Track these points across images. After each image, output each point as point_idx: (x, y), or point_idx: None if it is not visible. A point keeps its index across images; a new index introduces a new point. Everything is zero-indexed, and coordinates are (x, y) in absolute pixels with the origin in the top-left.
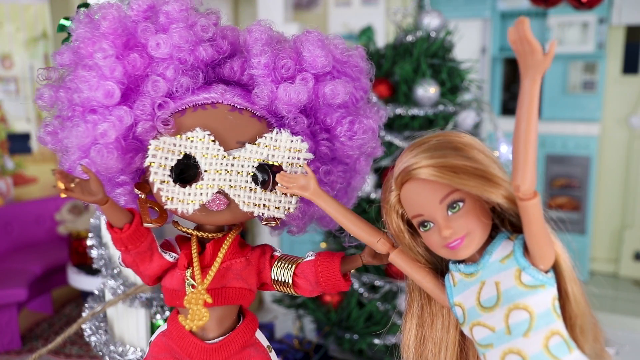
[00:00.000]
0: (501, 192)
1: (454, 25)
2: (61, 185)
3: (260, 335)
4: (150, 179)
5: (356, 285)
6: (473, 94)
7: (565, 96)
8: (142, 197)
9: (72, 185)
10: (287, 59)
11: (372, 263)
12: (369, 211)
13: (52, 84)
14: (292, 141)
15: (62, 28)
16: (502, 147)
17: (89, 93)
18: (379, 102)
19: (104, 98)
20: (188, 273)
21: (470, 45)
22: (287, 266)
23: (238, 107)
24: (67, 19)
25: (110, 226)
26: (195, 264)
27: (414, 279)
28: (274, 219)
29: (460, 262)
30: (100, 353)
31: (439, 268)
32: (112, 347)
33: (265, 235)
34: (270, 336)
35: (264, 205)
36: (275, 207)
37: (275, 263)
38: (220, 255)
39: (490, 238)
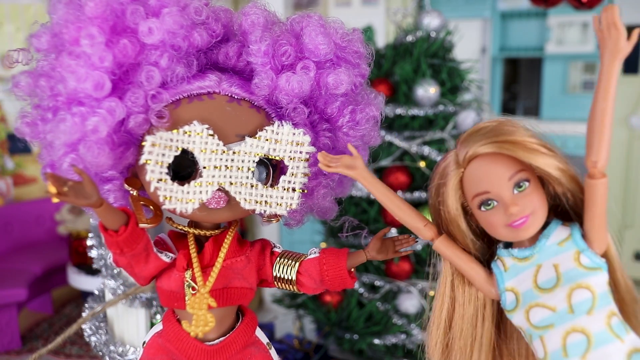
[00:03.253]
0: (557, 164)
1: (454, 25)
2: (53, 190)
3: (259, 333)
4: (147, 178)
5: (356, 285)
6: (473, 94)
7: (565, 96)
8: (134, 194)
9: (65, 189)
10: (286, 45)
11: (376, 258)
12: (369, 211)
13: (30, 71)
14: (294, 134)
15: None
16: None
17: (77, 84)
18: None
19: (93, 90)
20: (188, 275)
21: (470, 45)
22: (290, 263)
23: (236, 97)
24: None
25: (104, 228)
26: (195, 265)
27: (459, 267)
28: (275, 215)
29: (510, 247)
30: (100, 353)
31: (483, 258)
32: (112, 347)
33: (265, 235)
34: (270, 336)
35: (266, 202)
36: (277, 204)
37: (277, 260)
38: (222, 255)
39: (544, 224)
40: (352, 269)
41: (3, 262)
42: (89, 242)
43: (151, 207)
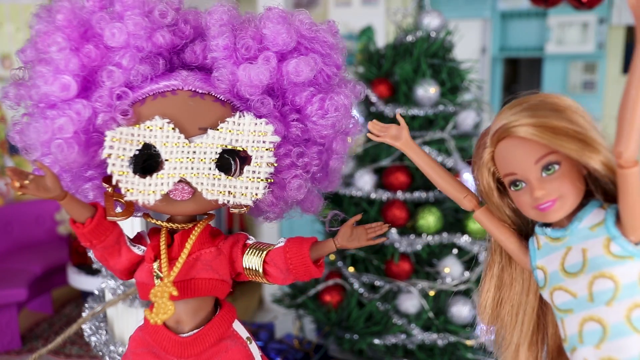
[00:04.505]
0: (600, 158)
1: (454, 25)
2: (15, 183)
3: (238, 327)
4: (108, 171)
5: (356, 285)
6: (473, 94)
7: None
8: (109, 190)
9: (27, 182)
10: (247, 38)
11: (347, 247)
12: (369, 211)
13: (15, 81)
14: (255, 124)
15: None
16: None
17: (45, 88)
18: (357, 80)
19: (60, 92)
20: (155, 266)
21: (470, 45)
22: (258, 253)
23: (200, 91)
24: None
25: (73, 222)
26: (163, 256)
27: (497, 239)
28: (241, 205)
29: (547, 225)
30: (100, 353)
31: (524, 231)
32: (112, 347)
33: (265, 235)
34: (270, 336)
35: (229, 192)
36: (242, 194)
37: (247, 251)
38: (188, 246)
39: (581, 205)
40: (322, 258)
41: (3, 262)
42: None
43: (123, 201)
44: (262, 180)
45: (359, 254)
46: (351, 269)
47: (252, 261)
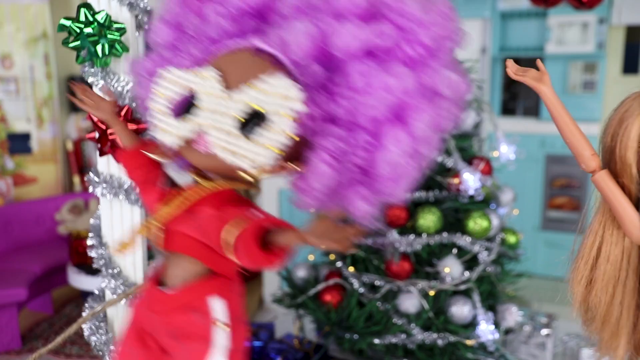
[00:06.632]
0: None
1: None
2: (80, 95)
3: (218, 305)
4: (149, 106)
5: (356, 285)
6: (473, 94)
7: (565, 96)
8: None
9: (86, 98)
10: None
11: (312, 243)
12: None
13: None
14: (284, 87)
15: (62, 28)
16: (502, 147)
17: (152, 34)
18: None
19: (156, 36)
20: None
21: (470, 45)
22: (238, 225)
23: (265, 50)
24: (67, 18)
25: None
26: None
27: (612, 205)
28: (247, 172)
29: None
30: (100, 353)
31: (638, 204)
32: (112, 347)
33: None
34: (270, 336)
35: (234, 151)
36: (244, 156)
37: (232, 220)
38: (184, 195)
39: None
40: (278, 245)
41: (3, 262)
42: (89, 242)
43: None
44: (271, 148)
45: (359, 253)
46: (351, 269)
47: (229, 232)
